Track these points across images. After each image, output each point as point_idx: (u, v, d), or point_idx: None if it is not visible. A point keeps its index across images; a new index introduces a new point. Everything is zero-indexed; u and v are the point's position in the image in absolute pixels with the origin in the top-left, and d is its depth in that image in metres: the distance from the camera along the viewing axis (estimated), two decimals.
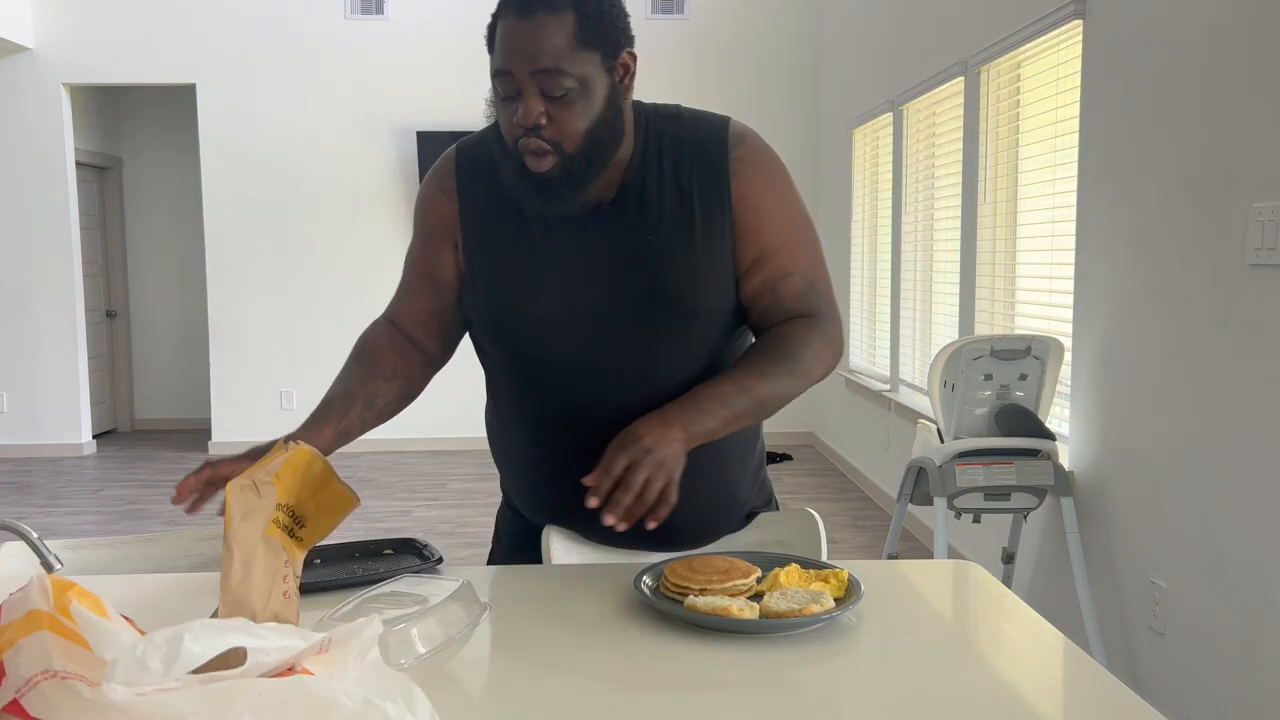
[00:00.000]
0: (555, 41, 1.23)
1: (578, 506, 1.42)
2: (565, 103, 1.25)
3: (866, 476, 5.65)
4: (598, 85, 1.27)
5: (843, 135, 6.26)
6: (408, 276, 1.47)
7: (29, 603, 0.83)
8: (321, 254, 6.89)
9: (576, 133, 1.26)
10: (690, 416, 1.25)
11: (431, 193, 1.44)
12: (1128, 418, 2.86)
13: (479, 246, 1.39)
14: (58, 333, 6.85)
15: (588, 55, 1.25)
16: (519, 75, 1.24)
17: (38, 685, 0.78)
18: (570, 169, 1.27)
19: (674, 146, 1.36)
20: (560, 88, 1.24)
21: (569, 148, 1.26)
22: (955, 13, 4.23)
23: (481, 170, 1.40)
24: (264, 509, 1.05)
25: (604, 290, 1.34)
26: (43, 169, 6.73)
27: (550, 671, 1.01)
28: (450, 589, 1.13)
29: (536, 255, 1.36)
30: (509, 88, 1.26)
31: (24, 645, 0.81)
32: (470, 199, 1.40)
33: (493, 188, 1.39)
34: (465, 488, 5.85)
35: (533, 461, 1.44)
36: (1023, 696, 0.95)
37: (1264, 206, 2.26)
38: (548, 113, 1.25)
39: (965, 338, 3.09)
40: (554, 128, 1.25)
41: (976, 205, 4.03)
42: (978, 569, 1.35)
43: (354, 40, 6.77)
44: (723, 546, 1.47)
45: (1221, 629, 2.45)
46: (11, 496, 5.79)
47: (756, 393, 1.30)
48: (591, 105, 1.27)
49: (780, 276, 1.37)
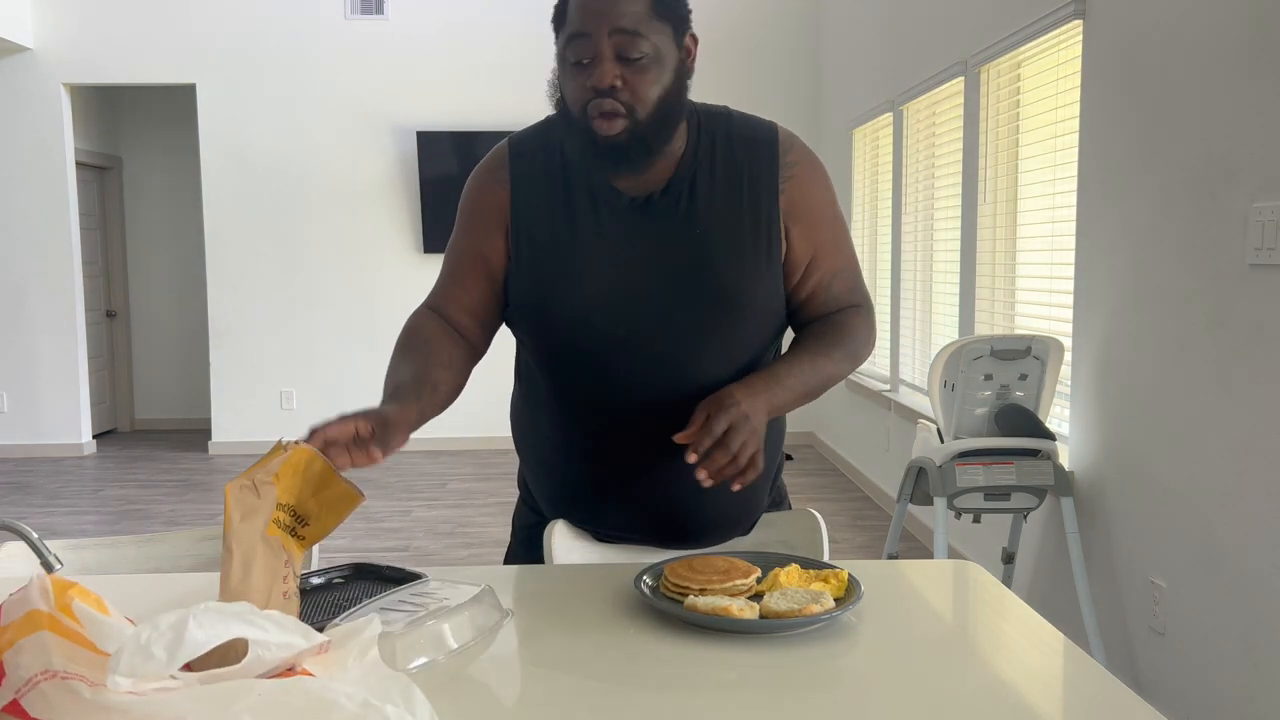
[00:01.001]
0: (635, 6, 1.26)
1: (600, 497, 1.44)
2: (640, 67, 1.27)
3: (866, 476, 5.65)
4: (669, 58, 1.30)
5: (843, 135, 6.26)
6: (455, 264, 1.46)
7: (29, 603, 0.83)
8: (321, 254, 6.89)
9: (650, 99, 1.29)
10: (773, 389, 1.30)
11: (484, 181, 1.45)
12: (1128, 418, 2.86)
13: (529, 234, 1.40)
14: (58, 333, 6.85)
15: (661, 26, 1.28)
16: (597, 36, 1.26)
17: (38, 685, 0.78)
18: (642, 134, 1.29)
19: (726, 144, 1.39)
20: (638, 50, 1.26)
21: (641, 113, 1.28)
22: (955, 13, 4.23)
23: (536, 161, 1.42)
24: (264, 509, 1.05)
25: (650, 281, 1.35)
26: (43, 169, 6.73)
27: (550, 671, 1.01)
28: (471, 593, 1.13)
29: (584, 243, 1.37)
30: (584, 51, 1.27)
31: (24, 645, 0.81)
32: (523, 187, 1.42)
33: (545, 178, 1.41)
34: (465, 488, 5.85)
35: (562, 451, 1.45)
36: (1023, 696, 0.95)
37: (1264, 206, 2.26)
38: (622, 76, 1.27)
39: (965, 338, 3.09)
40: (628, 91, 1.28)
41: (976, 205, 4.03)
42: (978, 569, 1.35)
43: (354, 40, 6.77)
44: (724, 546, 1.47)
45: (1221, 629, 2.45)
46: (11, 496, 5.79)
47: (824, 372, 1.37)
48: (663, 75, 1.30)
49: (834, 274, 1.44)
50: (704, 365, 1.36)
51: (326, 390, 6.95)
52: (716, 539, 1.47)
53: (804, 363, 1.35)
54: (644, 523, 1.44)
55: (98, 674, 0.79)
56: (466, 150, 6.68)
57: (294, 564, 1.07)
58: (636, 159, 1.31)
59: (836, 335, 1.40)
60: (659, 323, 1.35)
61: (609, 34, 1.25)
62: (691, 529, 1.44)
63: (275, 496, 1.06)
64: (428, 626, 1.04)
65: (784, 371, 1.33)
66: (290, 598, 1.03)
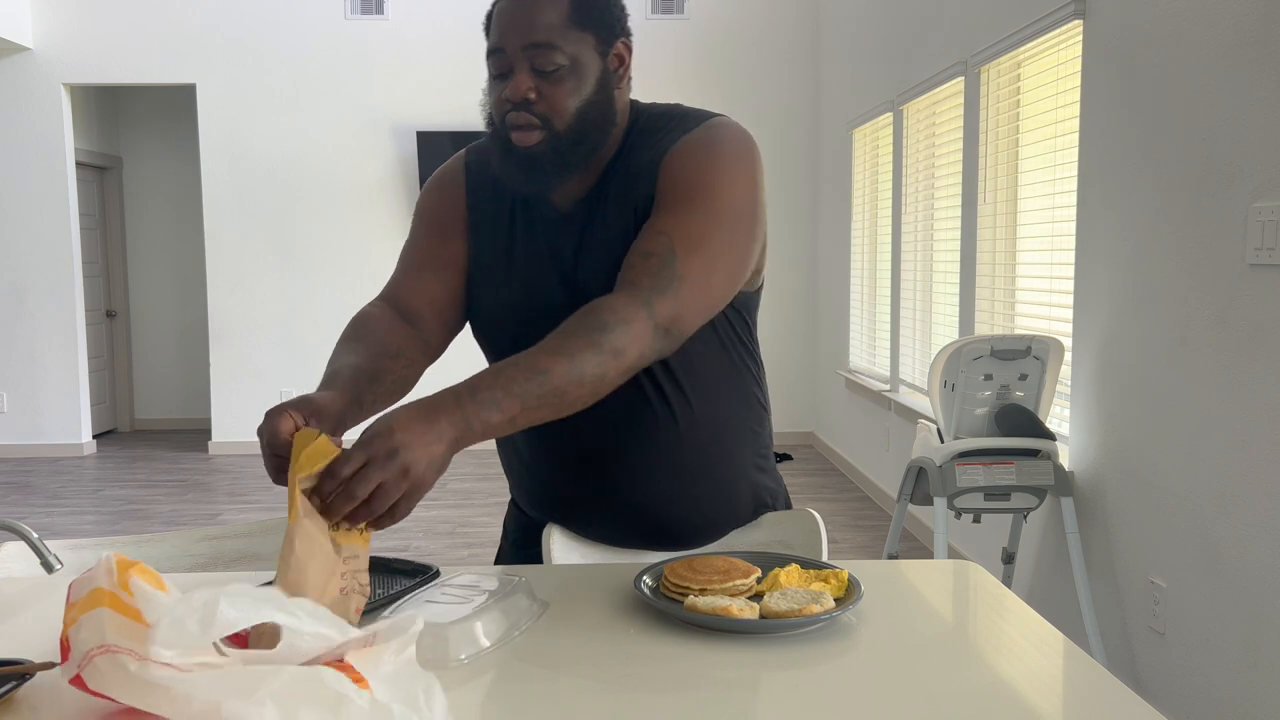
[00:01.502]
0: (549, 18, 1.24)
1: (573, 505, 1.43)
2: (556, 79, 1.25)
3: (866, 476, 5.65)
4: (590, 67, 1.27)
5: (843, 135, 6.26)
6: (410, 261, 1.42)
7: (94, 581, 0.87)
8: (321, 254, 6.89)
9: (566, 110, 1.26)
10: (465, 411, 1.06)
11: (441, 185, 1.45)
12: (1128, 418, 2.86)
13: (478, 244, 1.41)
14: (58, 333, 6.85)
15: (581, 36, 1.26)
16: (511, 51, 1.25)
17: (93, 660, 0.82)
18: (558, 146, 1.26)
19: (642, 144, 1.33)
20: (551, 63, 1.25)
21: (558, 124, 1.26)
22: (955, 13, 4.23)
23: (486, 174, 1.42)
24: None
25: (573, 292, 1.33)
26: (43, 169, 6.73)
27: (550, 671, 1.01)
28: (510, 586, 1.14)
29: (520, 255, 1.37)
30: (502, 65, 1.27)
31: (84, 621, 0.84)
32: (476, 199, 1.42)
33: (493, 192, 1.40)
34: (465, 488, 5.85)
35: (530, 460, 1.45)
36: (1023, 696, 0.95)
37: (1264, 206, 2.26)
38: (537, 88, 1.26)
39: (965, 338, 3.08)
40: (544, 103, 1.26)
41: (976, 205, 4.03)
42: (978, 569, 1.35)
43: (354, 40, 6.77)
44: (724, 546, 1.47)
45: (1221, 629, 2.45)
46: (11, 496, 5.79)
47: (553, 375, 1.10)
48: (582, 86, 1.27)
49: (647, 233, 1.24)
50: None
51: None
52: (706, 540, 1.45)
53: (523, 369, 1.10)
54: (622, 527, 1.43)
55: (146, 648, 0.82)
56: None
57: (362, 556, 1.06)
58: (552, 172, 1.27)
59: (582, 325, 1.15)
60: None
61: (523, 48, 1.25)
62: (666, 536, 1.42)
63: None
64: (476, 619, 1.06)
65: (490, 384, 1.08)
66: (349, 594, 1.02)
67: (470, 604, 1.09)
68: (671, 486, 1.39)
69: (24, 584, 1.30)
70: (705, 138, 1.29)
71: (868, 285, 5.88)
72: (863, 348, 6.03)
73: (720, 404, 1.40)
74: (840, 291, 6.38)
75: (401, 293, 1.40)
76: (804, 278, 7.07)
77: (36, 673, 0.93)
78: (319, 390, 1.20)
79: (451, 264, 1.41)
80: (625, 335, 1.15)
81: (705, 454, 1.40)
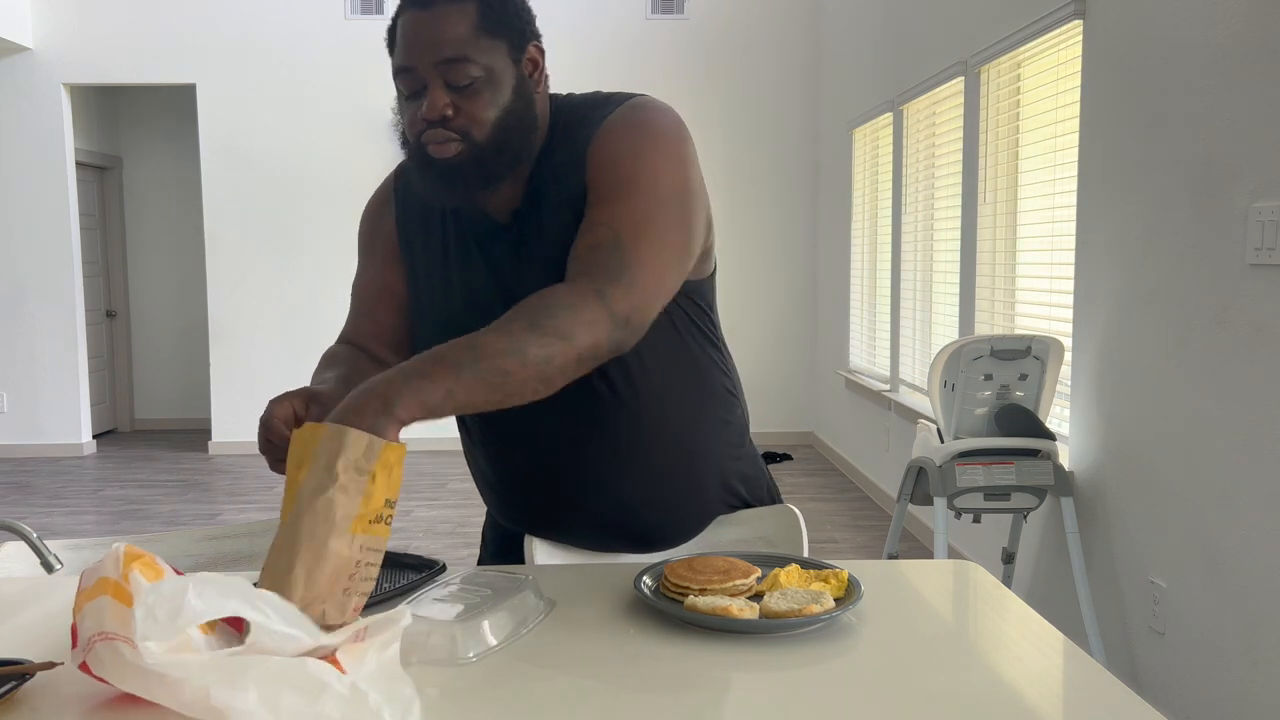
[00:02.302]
0: (459, 30, 1.19)
1: (546, 516, 1.41)
2: (472, 92, 1.20)
3: (866, 476, 5.65)
4: (505, 76, 1.22)
5: (843, 135, 6.26)
6: (363, 296, 1.41)
7: (101, 570, 0.89)
8: (321, 254, 6.89)
9: (485, 121, 1.21)
10: (397, 389, 1.03)
11: (375, 211, 1.43)
12: (1128, 418, 2.86)
13: (411, 263, 1.38)
14: (58, 333, 6.85)
15: (493, 44, 1.21)
16: (423, 68, 1.20)
17: (94, 646, 0.85)
18: (479, 157, 1.22)
19: (565, 139, 1.28)
20: (466, 76, 1.20)
21: (478, 136, 1.21)
22: (955, 13, 4.23)
23: (415, 189, 1.38)
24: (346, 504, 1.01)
25: (501, 307, 1.28)
26: (43, 169, 6.73)
27: (550, 671, 1.01)
28: (517, 584, 1.14)
29: (454, 271, 1.33)
30: (413, 84, 1.22)
31: (88, 609, 0.87)
32: (406, 216, 1.39)
33: (422, 207, 1.37)
34: (465, 488, 5.85)
35: (495, 480, 1.43)
36: (1023, 696, 0.95)
37: (1264, 206, 2.26)
38: (453, 104, 1.21)
39: (965, 338, 3.09)
40: (461, 118, 1.21)
41: (976, 205, 4.03)
42: (978, 569, 1.35)
43: (354, 40, 6.77)
44: (707, 544, 1.46)
45: (1221, 629, 2.45)
46: (11, 496, 5.79)
47: (490, 351, 1.07)
48: (499, 95, 1.22)
49: (590, 225, 1.21)
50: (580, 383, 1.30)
51: None
52: (684, 537, 1.43)
53: (461, 348, 1.07)
54: (599, 533, 1.41)
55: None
56: None
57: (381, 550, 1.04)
58: (475, 183, 1.23)
59: (526, 309, 1.12)
60: None
61: (434, 64, 1.19)
62: (649, 533, 1.40)
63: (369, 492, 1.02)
64: (483, 617, 1.06)
65: (429, 360, 1.06)
66: (349, 594, 1.01)
67: (478, 603, 1.09)
68: (642, 489, 1.37)
69: (24, 584, 1.30)
70: (630, 119, 1.25)
71: (868, 285, 5.88)
72: (863, 348, 6.03)
73: (684, 398, 1.36)
74: (840, 291, 6.39)
75: (359, 336, 1.39)
76: (804, 278, 7.07)
77: (36, 673, 0.93)
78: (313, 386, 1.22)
79: (395, 296, 1.39)
80: (573, 320, 1.12)
81: (672, 452, 1.37)
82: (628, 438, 1.34)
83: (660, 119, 1.26)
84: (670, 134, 1.25)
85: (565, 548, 1.46)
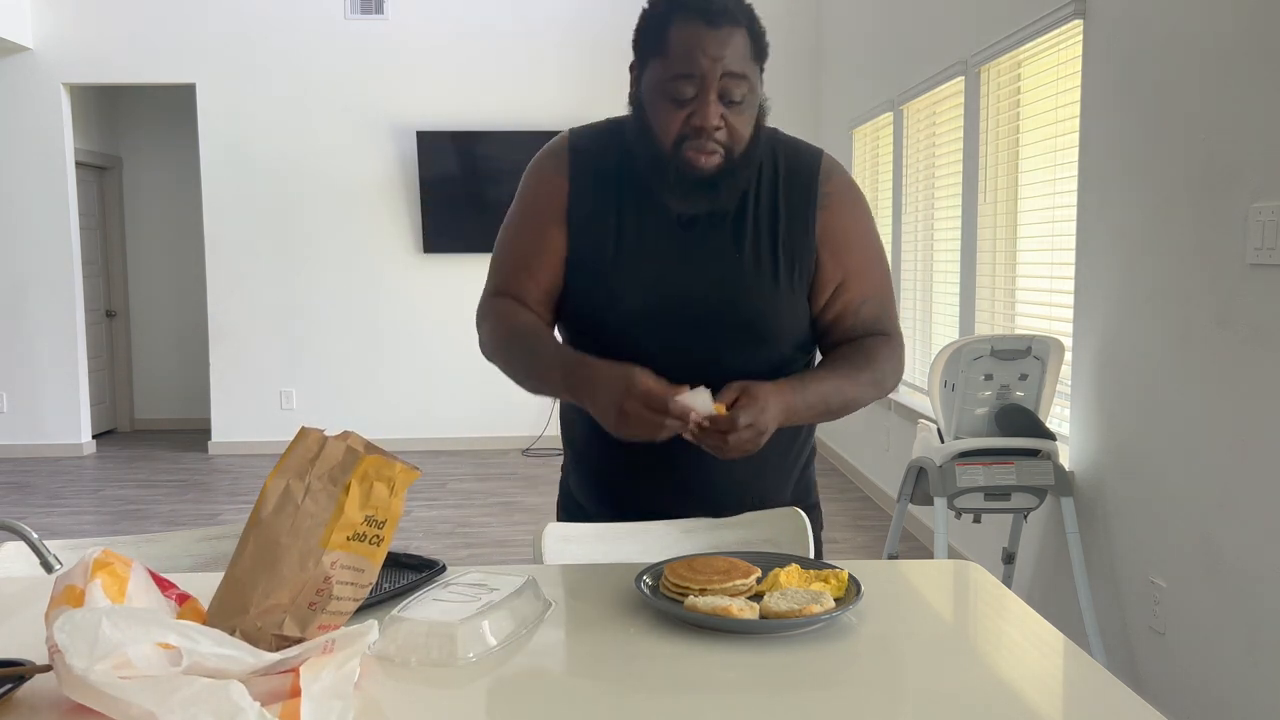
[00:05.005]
0: (741, 49, 1.33)
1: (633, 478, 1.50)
2: (740, 109, 1.35)
3: (866, 476, 5.65)
4: (757, 95, 1.39)
5: (843, 135, 6.26)
6: (520, 251, 1.49)
7: (70, 578, 0.90)
8: (321, 254, 6.89)
9: (744, 137, 1.37)
10: (796, 401, 1.35)
11: (545, 170, 1.49)
12: (1128, 418, 2.86)
13: (582, 230, 1.45)
14: (58, 333, 6.85)
15: (754, 68, 1.36)
16: (709, 78, 1.32)
17: (53, 656, 0.85)
18: (733, 170, 1.37)
19: (771, 172, 1.45)
20: (740, 92, 1.34)
21: (736, 150, 1.36)
22: (955, 13, 4.23)
23: (593, 161, 1.46)
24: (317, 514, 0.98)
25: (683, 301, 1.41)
26: (43, 169, 6.73)
27: (550, 671, 1.01)
28: (516, 585, 1.14)
29: (629, 255, 1.43)
30: (688, 90, 1.33)
31: (52, 618, 0.88)
32: (578, 183, 1.46)
33: (598, 180, 1.45)
34: (465, 488, 5.85)
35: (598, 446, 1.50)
36: (1023, 696, 0.95)
37: (1264, 206, 2.26)
38: (724, 116, 1.34)
39: (965, 338, 3.09)
40: (726, 131, 1.35)
41: (976, 205, 4.03)
42: (978, 569, 1.35)
43: (354, 40, 6.76)
44: (711, 544, 1.47)
45: (1221, 629, 2.45)
46: (11, 496, 5.79)
47: (846, 394, 1.41)
48: (754, 113, 1.38)
49: (862, 300, 1.48)
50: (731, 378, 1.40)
51: (326, 390, 6.95)
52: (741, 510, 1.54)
53: (827, 381, 1.40)
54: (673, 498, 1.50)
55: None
56: (466, 150, 6.68)
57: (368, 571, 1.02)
58: (727, 193, 1.38)
59: (862, 360, 1.44)
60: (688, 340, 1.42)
61: (720, 76, 1.32)
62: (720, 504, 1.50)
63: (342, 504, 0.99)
64: (483, 618, 1.06)
65: (810, 385, 1.38)
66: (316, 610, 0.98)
67: (478, 603, 1.09)
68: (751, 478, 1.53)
69: (24, 584, 1.30)
70: (854, 196, 1.50)
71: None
72: None
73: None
74: None
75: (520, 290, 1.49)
76: None
77: (35, 674, 0.93)
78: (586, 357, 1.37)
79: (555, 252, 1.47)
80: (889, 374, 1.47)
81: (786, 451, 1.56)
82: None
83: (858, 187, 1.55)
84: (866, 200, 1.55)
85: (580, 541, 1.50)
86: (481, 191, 6.71)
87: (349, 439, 1.03)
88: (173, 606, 1.00)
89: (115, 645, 0.83)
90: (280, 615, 0.97)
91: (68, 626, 0.83)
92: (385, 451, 1.03)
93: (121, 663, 0.83)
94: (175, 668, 0.85)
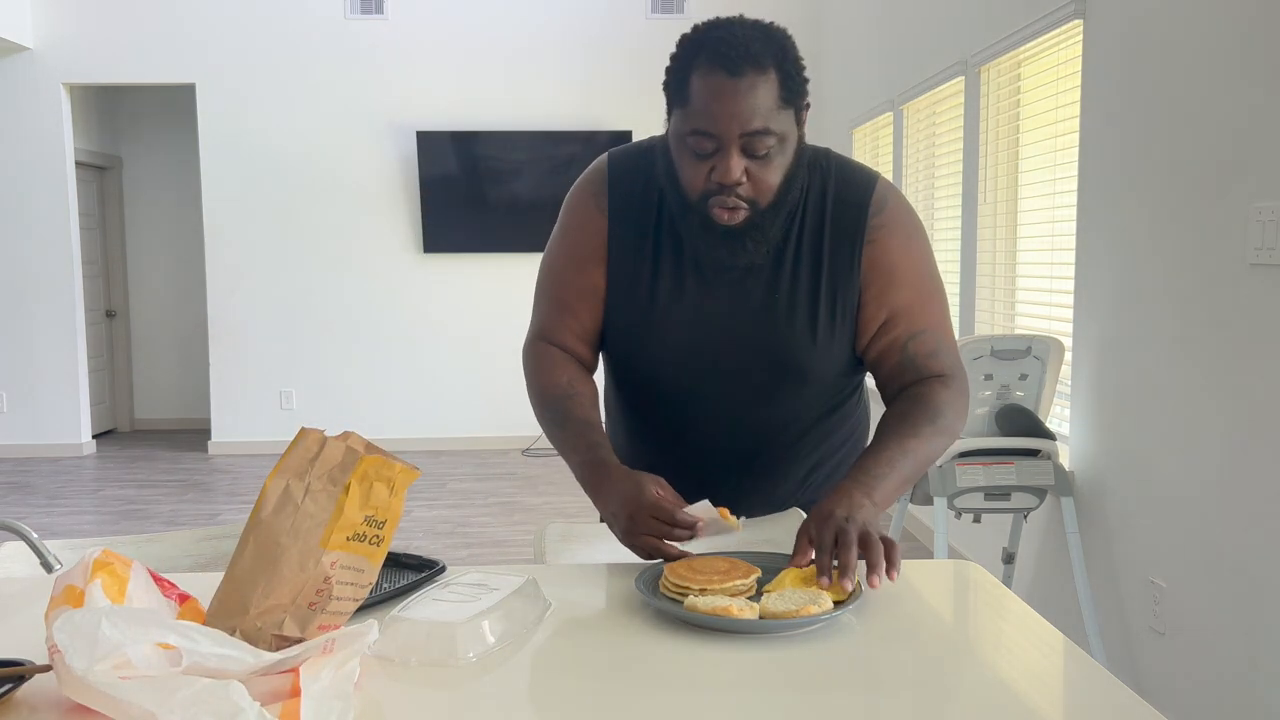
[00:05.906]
0: (765, 102, 1.24)
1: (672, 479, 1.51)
2: (765, 161, 1.27)
3: None
4: (791, 140, 1.29)
5: (843, 135, 6.26)
6: (564, 293, 1.47)
7: (70, 578, 0.90)
8: (321, 254, 6.89)
9: (771, 188, 1.29)
10: (867, 486, 1.27)
11: (586, 206, 1.45)
12: (1128, 418, 2.86)
13: (620, 268, 1.42)
14: (58, 333, 6.85)
15: (786, 112, 1.27)
16: (726, 139, 1.25)
17: (53, 657, 0.85)
18: (760, 221, 1.31)
19: (818, 205, 1.38)
20: (764, 147, 1.26)
21: (763, 203, 1.30)
22: (955, 13, 4.23)
23: (632, 191, 1.42)
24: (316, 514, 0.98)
25: (721, 341, 1.39)
26: (43, 169, 6.73)
27: (550, 671, 1.01)
28: (516, 585, 1.14)
29: (663, 291, 1.40)
30: (708, 146, 1.26)
31: (52, 618, 0.88)
32: (619, 217, 1.42)
33: (637, 212, 1.42)
34: (464, 488, 5.85)
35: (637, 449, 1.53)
36: (1023, 696, 0.95)
37: (1264, 206, 2.26)
38: (748, 170, 1.27)
39: (965, 338, 3.08)
40: (750, 185, 1.28)
41: (976, 205, 4.03)
42: (978, 569, 1.35)
43: (354, 40, 6.76)
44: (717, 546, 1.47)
45: (1221, 629, 2.45)
46: (11, 496, 5.79)
47: (918, 454, 1.33)
48: (785, 160, 1.30)
49: (909, 336, 1.40)
50: (775, 419, 1.41)
51: (326, 390, 6.95)
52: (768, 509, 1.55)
53: (896, 449, 1.32)
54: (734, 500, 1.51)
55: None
56: (466, 150, 6.68)
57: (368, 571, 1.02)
58: (755, 246, 1.32)
59: (921, 412, 1.36)
60: (727, 381, 1.41)
61: (739, 136, 1.25)
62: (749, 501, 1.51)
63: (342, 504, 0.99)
64: (483, 618, 1.06)
65: (875, 463, 1.29)
66: (316, 610, 0.98)
67: (478, 603, 1.09)
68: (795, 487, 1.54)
69: (24, 584, 1.30)
70: (902, 223, 1.40)
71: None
72: None
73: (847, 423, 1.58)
74: None
75: (564, 335, 1.47)
76: None
77: (35, 674, 0.93)
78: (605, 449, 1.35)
79: (595, 295, 1.45)
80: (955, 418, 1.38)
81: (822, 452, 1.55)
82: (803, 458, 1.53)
83: (913, 214, 1.43)
84: (922, 228, 1.44)
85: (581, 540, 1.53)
86: (481, 191, 6.71)
87: (349, 439, 1.02)
88: (173, 606, 1.00)
89: (115, 645, 0.83)
90: (280, 615, 0.97)
91: (68, 627, 0.83)
92: (385, 451, 1.03)
93: (121, 663, 0.83)
94: (175, 668, 0.85)
